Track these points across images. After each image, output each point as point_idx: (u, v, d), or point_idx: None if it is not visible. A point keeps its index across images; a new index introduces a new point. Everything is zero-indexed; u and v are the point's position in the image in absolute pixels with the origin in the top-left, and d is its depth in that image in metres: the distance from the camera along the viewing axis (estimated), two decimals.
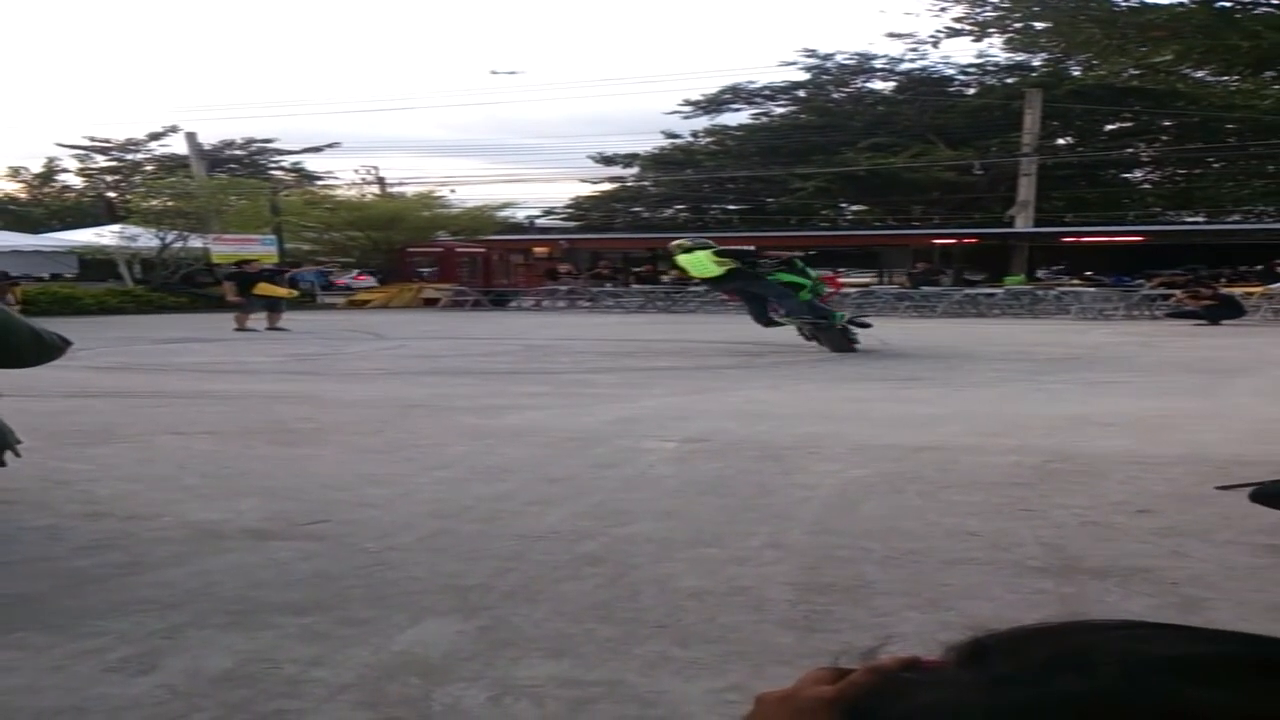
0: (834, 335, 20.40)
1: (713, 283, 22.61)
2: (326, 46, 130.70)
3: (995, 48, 54.31)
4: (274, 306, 29.13)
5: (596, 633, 4.76)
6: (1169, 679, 0.66)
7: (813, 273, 21.67)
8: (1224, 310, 29.64)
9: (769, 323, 21.07)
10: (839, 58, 64.26)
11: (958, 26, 44.78)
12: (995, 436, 10.06)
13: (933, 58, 62.98)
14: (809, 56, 64.38)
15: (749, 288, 21.32)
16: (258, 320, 28.45)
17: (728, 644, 4.62)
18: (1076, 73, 56.06)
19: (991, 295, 39.12)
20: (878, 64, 64.13)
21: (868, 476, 8.21)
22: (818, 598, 5.25)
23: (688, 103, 67.05)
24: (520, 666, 4.37)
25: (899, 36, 61.56)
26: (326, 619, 4.91)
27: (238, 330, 27.74)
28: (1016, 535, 6.38)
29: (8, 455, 5.99)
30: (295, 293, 32.50)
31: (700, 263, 21.18)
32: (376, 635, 4.72)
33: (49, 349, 5.84)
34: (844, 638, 4.70)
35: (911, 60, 62.57)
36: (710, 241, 22.53)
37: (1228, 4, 32.17)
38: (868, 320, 22.00)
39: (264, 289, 29.41)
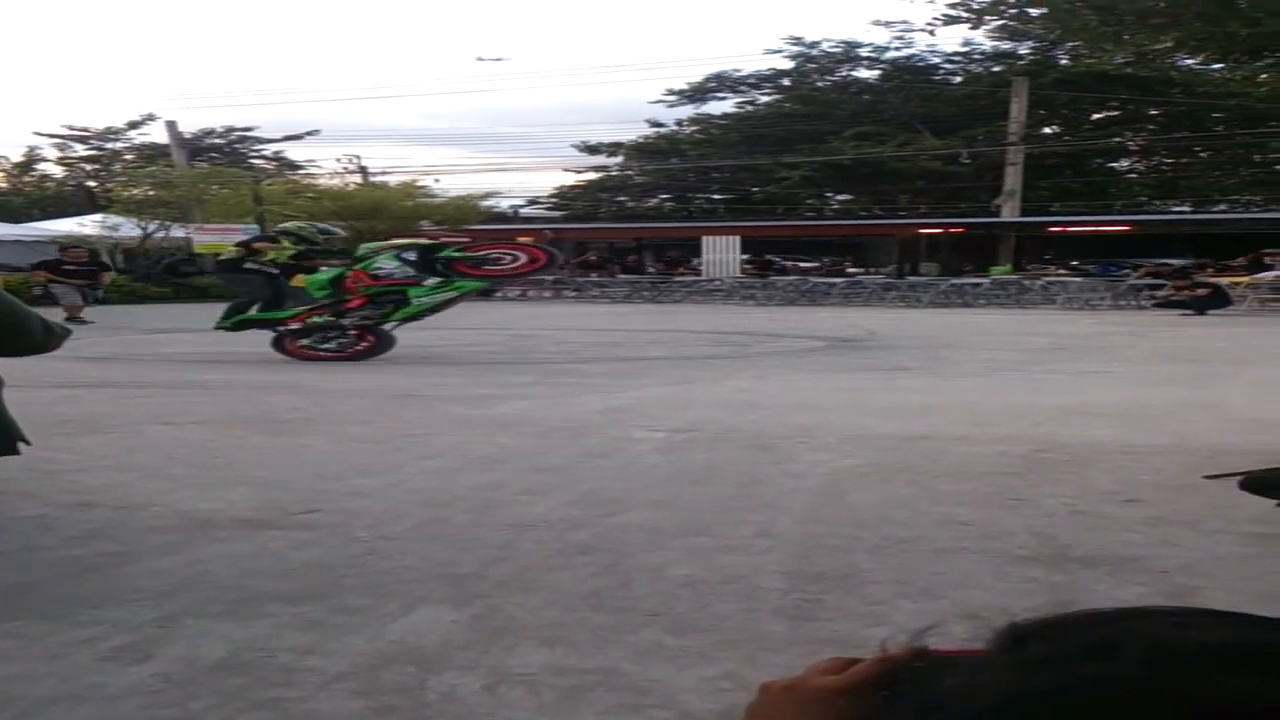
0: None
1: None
2: (305, 34, 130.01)
3: (981, 35, 54.37)
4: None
5: (590, 621, 4.77)
6: (1195, 665, 0.66)
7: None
8: (1211, 300, 29.73)
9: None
10: (824, 45, 64.25)
11: (953, 13, 44.64)
12: (984, 426, 10.09)
13: (919, 46, 62.86)
14: (794, 44, 64.37)
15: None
16: None
17: (720, 632, 4.63)
18: (1064, 61, 56.09)
19: (978, 285, 39.15)
20: (863, 52, 64.14)
21: (857, 466, 8.23)
22: (809, 586, 5.26)
23: (672, 92, 67.07)
24: (515, 655, 4.38)
25: (886, 24, 61.61)
26: (320, 608, 4.92)
27: None
28: (1006, 524, 6.40)
29: (19, 446, 6.01)
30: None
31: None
32: (370, 624, 4.72)
33: (55, 337, 5.87)
34: (836, 626, 4.72)
35: (897, 48, 62.57)
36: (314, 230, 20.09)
37: None
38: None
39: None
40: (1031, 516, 6.60)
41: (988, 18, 42.42)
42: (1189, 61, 46.88)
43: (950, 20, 46.21)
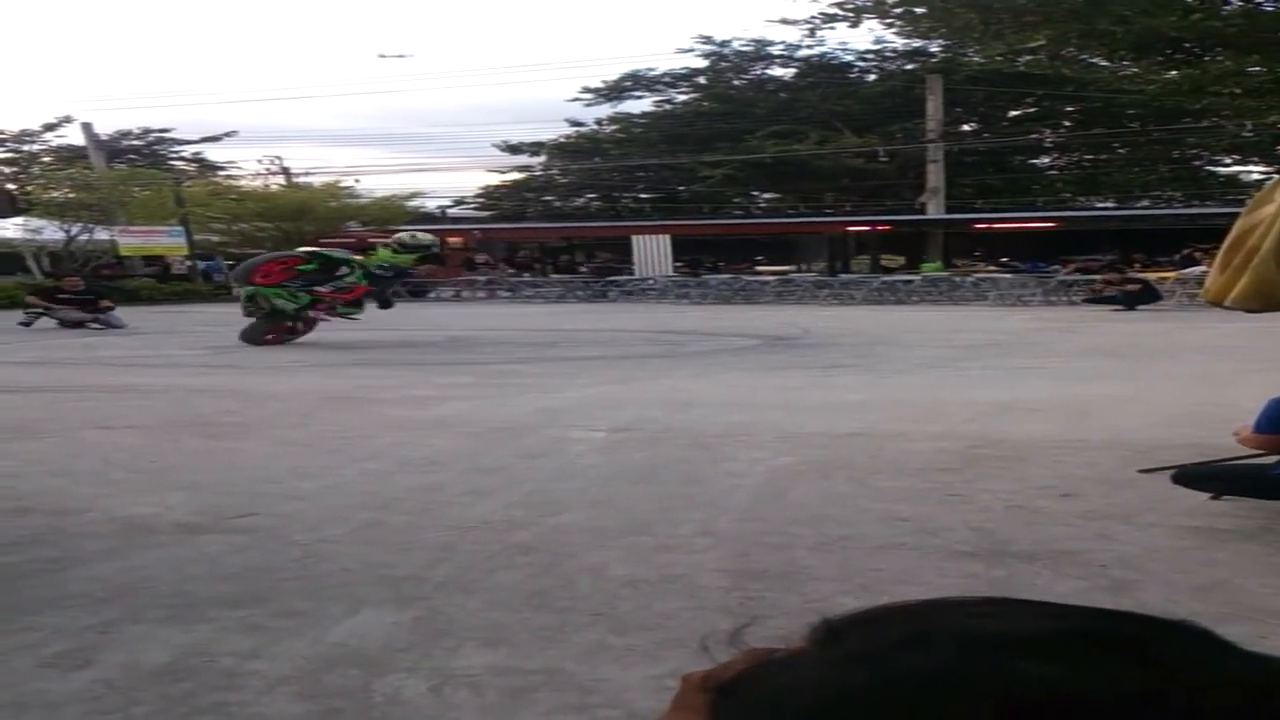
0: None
1: None
2: (214, 34, 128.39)
3: (891, 33, 54.56)
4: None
5: (532, 621, 4.77)
6: (1002, 655, 0.68)
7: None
8: (1140, 296, 30.06)
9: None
10: (736, 44, 64.21)
11: (833, 12, 44.70)
12: (920, 423, 10.16)
13: (831, 43, 63.00)
14: (705, 43, 64.31)
15: None
16: None
17: (664, 631, 4.64)
18: (977, 58, 56.41)
19: (909, 282, 39.39)
20: (775, 50, 64.06)
21: (796, 463, 8.27)
22: (751, 584, 5.29)
23: (588, 90, 66.88)
24: (458, 656, 4.37)
25: (789, 23, 61.54)
26: (262, 611, 4.89)
27: None
28: (945, 520, 6.45)
29: None
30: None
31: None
32: (313, 627, 4.70)
33: None
34: (779, 623, 4.73)
35: (810, 46, 62.49)
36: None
37: None
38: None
39: None
40: (969, 512, 6.66)
41: (868, 15, 42.68)
42: (1089, 58, 47.32)
43: (830, 19, 46.46)
